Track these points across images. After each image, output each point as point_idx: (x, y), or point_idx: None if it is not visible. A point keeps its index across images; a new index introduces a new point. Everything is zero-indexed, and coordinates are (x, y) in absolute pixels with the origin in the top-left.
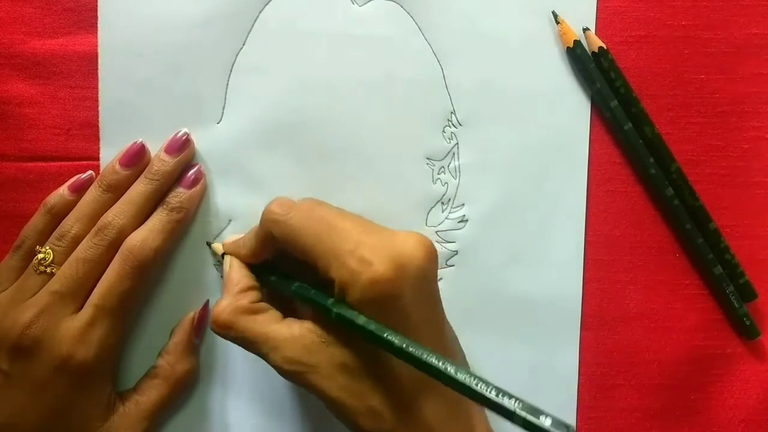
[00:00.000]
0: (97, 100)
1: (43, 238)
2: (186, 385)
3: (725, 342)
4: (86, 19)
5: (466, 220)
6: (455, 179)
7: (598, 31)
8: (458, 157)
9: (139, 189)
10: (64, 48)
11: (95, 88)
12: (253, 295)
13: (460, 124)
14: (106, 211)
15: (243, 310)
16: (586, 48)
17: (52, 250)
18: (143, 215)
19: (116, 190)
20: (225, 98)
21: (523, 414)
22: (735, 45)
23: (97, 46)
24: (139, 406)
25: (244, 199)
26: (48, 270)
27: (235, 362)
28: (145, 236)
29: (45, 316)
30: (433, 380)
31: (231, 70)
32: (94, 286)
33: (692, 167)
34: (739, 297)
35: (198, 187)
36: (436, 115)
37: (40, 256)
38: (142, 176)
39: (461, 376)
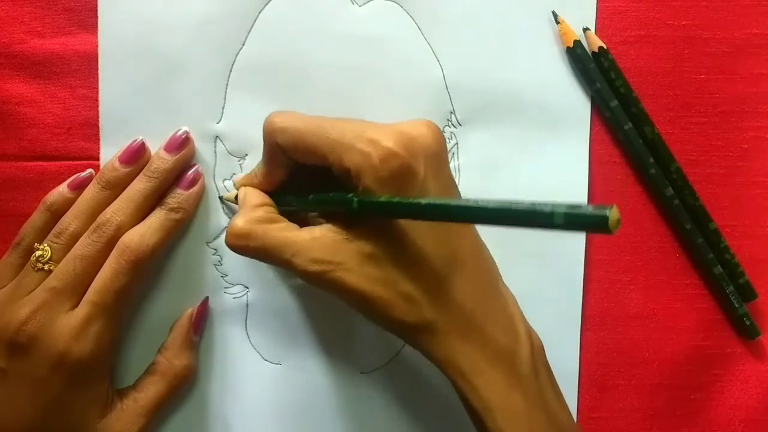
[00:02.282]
0: (97, 100)
1: (42, 235)
2: (184, 381)
3: (725, 342)
4: (86, 18)
5: None
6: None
7: (598, 31)
8: (458, 157)
9: (138, 187)
10: (64, 48)
11: (95, 87)
12: (269, 208)
13: (460, 124)
14: (104, 208)
15: (259, 219)
16: (586, 48)
17: (50, 247)
18: (142, 213)
19: (115, 188)
20: (225, 98)
21: (563, 210)
22: (735, 45)
23: (97, 45)
24: (137, 403)
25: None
26: (46, 267)
27: (234, 361)
28: (142, 232)
29: (41, 313)
30: (461, 259)
31: (231, 70)
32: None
33: (692, 167)
34: (739, 297)
35: (196, 187)
36: (436, 114)
37: (38, 253)
38: (141, 174)
39: (495, 204)
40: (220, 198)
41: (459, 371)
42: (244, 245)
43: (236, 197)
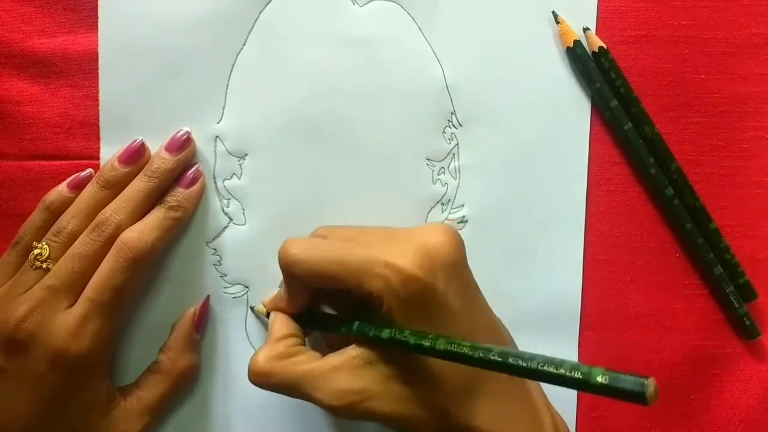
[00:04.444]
0: (97, 99)
1: (41, 234)
2: (188, 380)
3: (725, 342)
4: (86, 18)
5: (466, 221)
6: (455, 180)
7: (599, 31)
8: (458, 158)
9: (138, 186)
10: (64, 47)
11: (95, 87)
12: (291, 340)
13: (461, 125)
14: (103, 207)
15: (279, 355)
16: (587, 48)
17: (48, 246)
18: (141, 212)
19: (114, 187)
20: (225, 98)
21: (599, 380)
22: (735, 45)
23: (97, 45)
24: (141, 401)
25: (243, 199)
26: (44, 265)
27: (234, 360)
28: (141, 229)
29: (39, 311)
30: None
31: (231, 70)
32: None
33: (692, 167)
34: (739, 297)
35: (196, 186)
36: (437, 115)
37: (36, 251)
38: (141, 173)
39: (525, 363)
40: (252, 308)
41: None
42: (264, 383)
43: (268, 314)
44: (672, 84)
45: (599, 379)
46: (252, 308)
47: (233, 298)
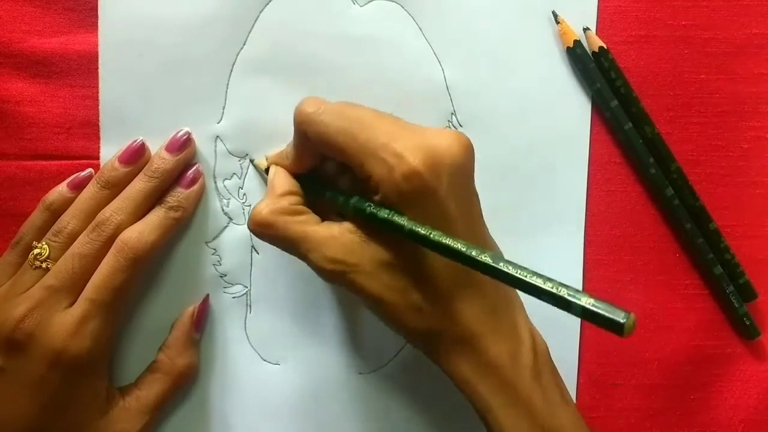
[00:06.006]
0: (97, 99)
1: (41, 234)
2: (186, 379)
3: (725, 342)
4: (86, 18)
5: None
6: None
7: (599, 31)
8: None
9: (138, 186)
10: (64, 47)
11: (95, 87)
12: (294, 198)
13: (461, 125)
14: (103, 207)
15: (282, 210)
16: (587, 48)
17: (48, 246)
18: (141, 212)
19: (114, 187)
20: (225, 98)
21: (581, 305)
22: (735, 45)
23: (97, 45)
24: (140, 401)
25: (243, 199)
26: (43, 265)
27: (233, 361)
28: (141, 229)
29: (39, 311)
30: (472, 277)
31: (231, 70)
32: None
33: (692, 167)
34: (739, 297)
35: (196, 186)
36: (437, 115)
37: (36, 251)
38: (142, 173)
39: (513, 271)
40: (251, 161)
41: (463, 378)
42: (264, 233)
43: (267, 169)
44: (672, 84)
45: (582, 301)
46: (252, 161)
47: (233, 298)
